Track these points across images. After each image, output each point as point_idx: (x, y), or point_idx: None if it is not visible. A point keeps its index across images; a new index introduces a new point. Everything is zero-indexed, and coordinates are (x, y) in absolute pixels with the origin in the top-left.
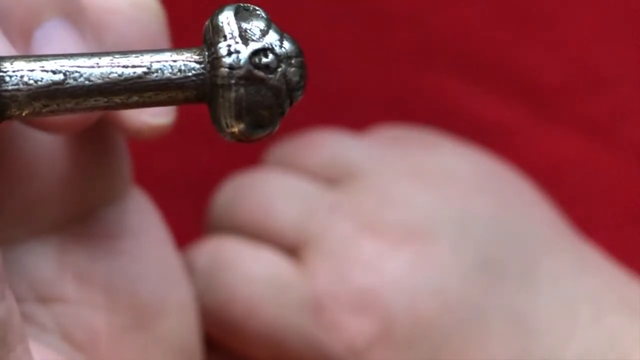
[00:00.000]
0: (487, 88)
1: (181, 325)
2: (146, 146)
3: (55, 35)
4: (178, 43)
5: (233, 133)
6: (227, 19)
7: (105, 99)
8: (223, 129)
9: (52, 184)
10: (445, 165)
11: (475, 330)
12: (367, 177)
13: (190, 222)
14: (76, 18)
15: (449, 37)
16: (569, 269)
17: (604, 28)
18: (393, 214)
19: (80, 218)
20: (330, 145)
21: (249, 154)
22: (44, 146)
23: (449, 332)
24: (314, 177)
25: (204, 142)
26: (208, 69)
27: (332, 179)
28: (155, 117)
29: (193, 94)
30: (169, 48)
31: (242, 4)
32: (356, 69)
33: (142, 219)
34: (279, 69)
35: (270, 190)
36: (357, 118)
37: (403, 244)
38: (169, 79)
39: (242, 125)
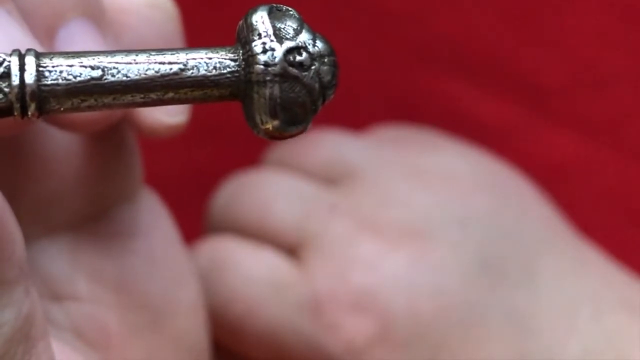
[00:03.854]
0: (488, 88)
1: (191, 325)
2: (146, 146)
3: (78, 34)
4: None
5: (267, 130)
6: (261, 18)
7: (142, 95)
8: (257, 125)
9: (66, 182)
10: (445, 165)
11: (474, 330)
12: (366, 177)
13: (190, 222)
14: (98, 18)
15: (450, 37)
16: (569, 268)
17: (605, 28)
18: (392, 214)
19: (93, 217)
20: (330, 145)
21: (249, 154)
22: (60, 144)
23: (448, 331)
24: (314, 177)
25: (203, 142)
26: (243, 66)
27: (331, 179)
28: (170, 116)
29: (227, 91)
30: (203, 47)
31: (275, 5)
32: (356, 69)
33: (153, 219)
34: (313, 67)
35: (270, 190)
36: (357, 118)
37: (402, 243)
38: (204, 76)
39: (276, 122)
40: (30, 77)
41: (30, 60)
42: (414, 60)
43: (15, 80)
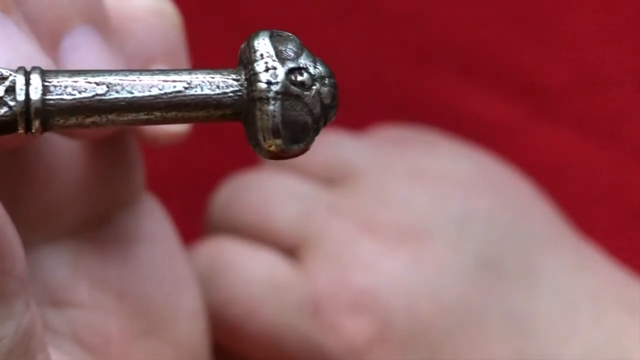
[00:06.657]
0: (487, 88)
1: (191, 331)
2: (146, 146)
3: (83, 42)
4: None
5: (269, 147)
6: (263, 40)
7: (145, 113)
8: (259, 144)
9: (68, 189)
10: (445, 165)
11: (474, 330)
12: (366, 177)
13: (190, 222)
14: (102, 26)
15: (450, 37)
16: (569, 268)
17: (605, 28)
18: (392, 215)
19: (95, 223)
20: (330, 146)
21: (249, 154)
22: (62, 151)
23: (447, 332)
24: (313, 177)
25: (203, 142)
26: (245, 85)
27: (331, 179)
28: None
29: (230, 110)
30: (205, 68)
31: (275, 30)
32: (356, 69)
33: (154, 225)
34: (314, 87)
35: (269, 190)
36: (357, 118)
37: (402, 244)
38: (207, 95)
39: (278, 140)
40: (35, 93)
41: (35, 77)
42: (413, 60)
43: (21, 96)
